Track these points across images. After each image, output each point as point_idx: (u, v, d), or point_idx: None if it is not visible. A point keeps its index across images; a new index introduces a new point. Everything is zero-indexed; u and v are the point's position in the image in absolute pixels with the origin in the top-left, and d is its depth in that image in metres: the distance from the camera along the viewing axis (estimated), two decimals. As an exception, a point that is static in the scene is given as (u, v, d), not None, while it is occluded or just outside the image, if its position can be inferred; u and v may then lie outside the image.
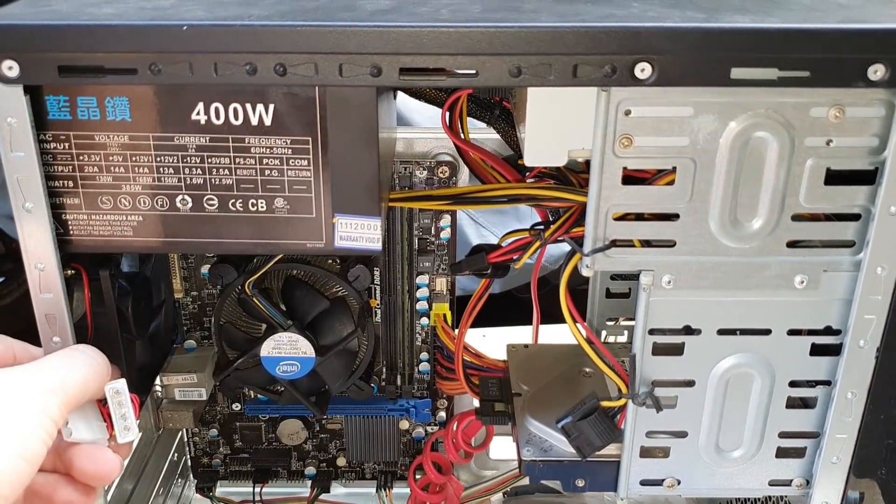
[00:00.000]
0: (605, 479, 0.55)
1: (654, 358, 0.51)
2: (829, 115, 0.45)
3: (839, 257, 0.48)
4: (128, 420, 0.48)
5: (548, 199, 0.51)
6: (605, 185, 0.46)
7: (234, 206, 0.47)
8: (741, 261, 0.48)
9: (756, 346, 0.51)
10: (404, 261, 0.68)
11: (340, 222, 0.47)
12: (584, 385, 0.62)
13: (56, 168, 0.46)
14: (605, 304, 0.66)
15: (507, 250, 0.54)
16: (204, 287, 0.69)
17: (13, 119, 0.44)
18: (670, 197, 0.47)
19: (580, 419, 0.53)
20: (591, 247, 0.47)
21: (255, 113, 0.45)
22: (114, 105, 0.45)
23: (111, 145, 0.46)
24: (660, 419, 0.52)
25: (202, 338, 0.71)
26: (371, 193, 0.47)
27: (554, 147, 0.46)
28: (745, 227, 0.47)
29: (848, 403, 0.51)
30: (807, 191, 0.47)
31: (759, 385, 0.52)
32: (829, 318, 0.50)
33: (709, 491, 0.55)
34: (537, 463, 0.55)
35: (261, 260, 0.62)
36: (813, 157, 0.46)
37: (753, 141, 0.45)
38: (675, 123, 0.45)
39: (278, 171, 0.46)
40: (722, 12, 0.44)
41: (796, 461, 0.54)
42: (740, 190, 0.47)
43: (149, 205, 0.47)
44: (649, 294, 0.49)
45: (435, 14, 0.44)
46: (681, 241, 0.48)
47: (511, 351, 0.66)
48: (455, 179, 0.64)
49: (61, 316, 0.48)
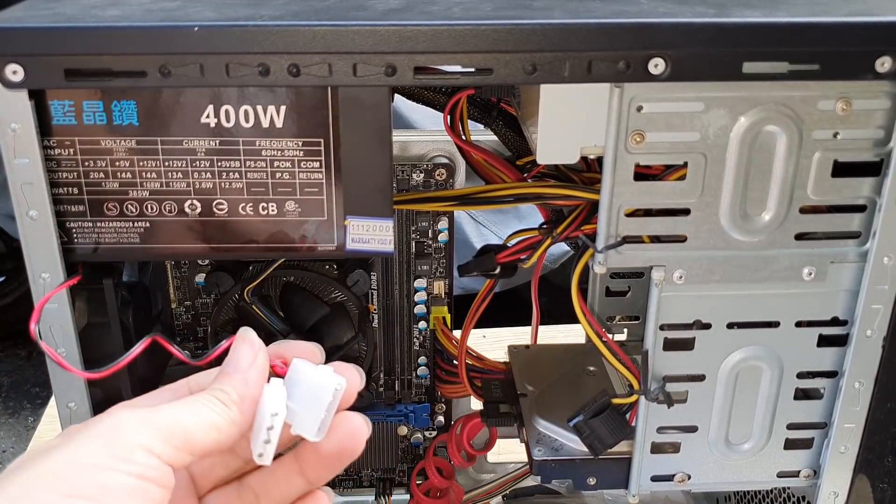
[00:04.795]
0: (617, 476, 0.55)
1: (666, 353, 0.51)
2: (837, 107, 0.45)
3: (846, 248, 0.49)
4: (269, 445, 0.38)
5: (556, 197, 0.51)
6: (618, 181, 0.46)
7: (245, 210, 0.46)
8: (751, 254, 0.49)
9: (765, 339, 0.51)
10: (402, 265, 0.68)
11: (353, 224, 0.47)
12: (588, 384, 0.62)
13: (60, 174, 0.45)
14: (605, 303, 0.66)
15: (515, 250, 0.54)
16: (197, 296, 0.68)
17: (17, 125, 0.43)
18: (682, 192, 0.47)
19: (592, 417, 0.53)
20: (603, 243, 0.48)
21: (266, 115, 0.44)
22: (121, 109, 0.44)
23: (118, 150, 0.45)
24: (670, 414, 0.53)
25: (196, 348, 0.70)
26: (384, 194, 0.47)
27: (566, 144, 0.46)
28: (755, 220, 0.48)
29: (855, 393, 0.52)
30: (814, 183, 0.47)
31: (767, 377, 0.52)
32: (836, 308, 0.50)
33: (719, 485, 0.56)
34: (549, 462, 0.55)
35: (257, 267, 0.62)
36: (820, 150, 0.46)
37: (763, 135, 0.46)
38: (686, 119, 0.45)
39: (289, 174, 0.46)
40: (730, 7, 0.45)
41: (804, 452, 0.55)
42: (750, 184, 0.47)
43: (156, 211, 0.46)
44: (661, 289, 0.49)
45: (447, 12, 0.44)
46: (692, 235, 0.48)
47: (513, 352, 0.66)
48: (452, 181, 0.64)
49: (66, 327, 0.47)
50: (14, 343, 1.63)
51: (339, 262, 0.64)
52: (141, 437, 0.34)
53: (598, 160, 0.54)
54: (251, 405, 0.38)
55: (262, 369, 0.39)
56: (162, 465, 0.34)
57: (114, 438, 0.34)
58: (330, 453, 0.39)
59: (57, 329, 0.47)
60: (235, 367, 0.39)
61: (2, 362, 1.61)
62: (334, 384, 0.39)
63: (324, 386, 0.38)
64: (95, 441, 0.34)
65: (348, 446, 0.39)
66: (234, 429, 0.37)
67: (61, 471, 0.33)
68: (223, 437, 0.37)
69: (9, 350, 1.62)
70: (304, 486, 0.40)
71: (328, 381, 0.39)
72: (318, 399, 0.38)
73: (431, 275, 0.68)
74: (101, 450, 0.34)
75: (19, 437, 1.43)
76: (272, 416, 0.38)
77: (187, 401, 0.37)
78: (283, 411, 0.38)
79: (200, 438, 0.36)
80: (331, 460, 0.39)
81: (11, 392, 1.54)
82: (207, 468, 0.41)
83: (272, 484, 0.40)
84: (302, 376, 0.39)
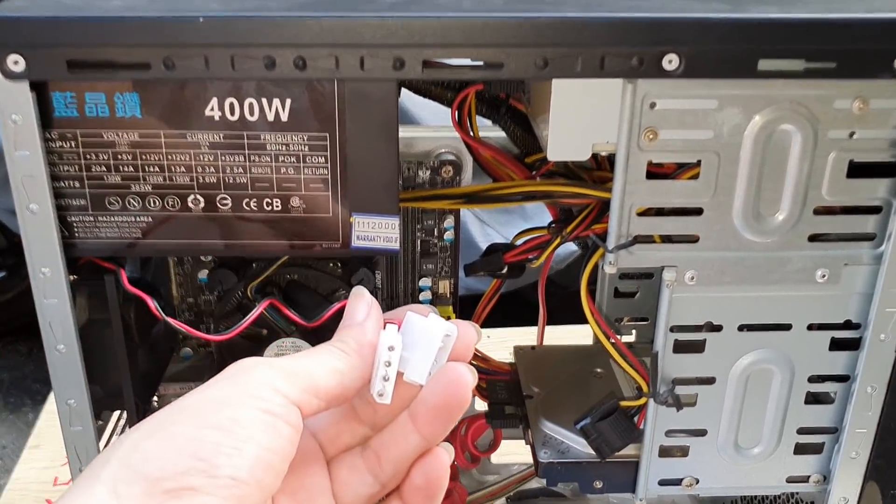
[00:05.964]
0: (624, 479, 0.54)
1: (675, 356, 0.50)
2: (853, 106, 0.44)
3: (859, 251, 0.48)
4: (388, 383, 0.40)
5: (566, 195, 0.50)
6: (630, 179, 0.45)
7: (249, 205, 0.46)
8: (763, 255, 0.48)
9: (776, 342, 0.50)
10: (407, 263, 0.67)
11: (358, 222, 0.46)
12: (595, 386, 0.61)
13: (62, 168, 0.44)
14: (613, 304, 0.65)
15: (523, 249, 0.53)
16: (200, 293, 0.67)
17: (18, 116, 0.42)
18: (694, 191, 0.46)
19: (599, 420, 0.52)
20: (614, 243, 0.47)
21: (271, 108, 0.44)
22: (124, 101, 0.43)
23: (120, 143, 0.44)
24: (679, 418, 0.52)
25: (198, 346, 0.69)
26: (390, 191, 0.46)
27: (578, 141, 0.45)
28: (768, 221, 0.47)
29: (868, 398, 0.51)
30: (829, 184, 0.46)
31: (778, 381, 0.51)
32: (849, 311, 0.50)
33: (727, 489, 0.55)
34: (555, 465, 0.54)
35: (261, 265, 0.61)
36: (836, 150, 0.46)
37: (777, 134, 0.45)
38: (699, 116, 0.44)
39: (294, 169, 0.45)
40: (746, 3, 0.44)
41: (814, 457, 0.54)
42: (763, 183, 0.46)
43: (159, 205, 0.45)
44: (672, 290, 0.48)
45: (457, 5, 0.43)
46: (704, 236, 0.47)
47: (518, 353, 0.65)
48: (459, 179, 0.63)
49: (66, 323, 0.46)
50: (15, 339, 1.62)
51: (344, 260, 0.63)
52: (267, 376, 0.36)
53: (608, 158, 0.53)
54: (370, 351, 0.40)
55: (377, 319, 0.41)
56: (289, 404, 0.36)
57: (242, 378, 0.36)
58: (437, 403, 0.40)
59: (57, 325, 0.46)
60: (352, 319, 0.41)
61: (2, 358, 1.60)
62: (444, 330, 0.40)
63: (434, 332, 0.40)
64: (225, 382, 0.36)
65: (454, 394, 0.39)
66: (356, 373, 0.39)
67: (193, 407, 0.35)
68: (346, 381, 0.39)
69: (9, 346, 1.62)
70: (422, 444, 0.41)
71: (439, 327, 0.40)
72: (428, 345, 0.40)
73: (437, 274, 0.67)
74: (231, 388, 0.36)
75: (20, 432, 1.42)
76: (389, 352, 0.40)
77: (309, 351, 0.39)
78: (399, 346, 0.40)
79: (324, 382, 0.38)
80: (440, 412, 0.40)
81: (12, 388, 1.53)
82: (334, 435, 0.42)
83: (391, 444, 0.41)
84: (414, 326, 0.40)
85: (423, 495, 0.41)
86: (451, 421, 0.40)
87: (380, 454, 0.41)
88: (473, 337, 0.41)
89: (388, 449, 0.41)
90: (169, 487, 0.33)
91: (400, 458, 0.41)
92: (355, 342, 0.40)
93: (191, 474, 0.33)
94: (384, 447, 0.41)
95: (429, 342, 0.40)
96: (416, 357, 0.40)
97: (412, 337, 0.40)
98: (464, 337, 0.41)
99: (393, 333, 0.40)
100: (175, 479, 0.33)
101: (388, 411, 0.41)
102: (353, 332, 0.40)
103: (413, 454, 0.41)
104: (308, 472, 0.40)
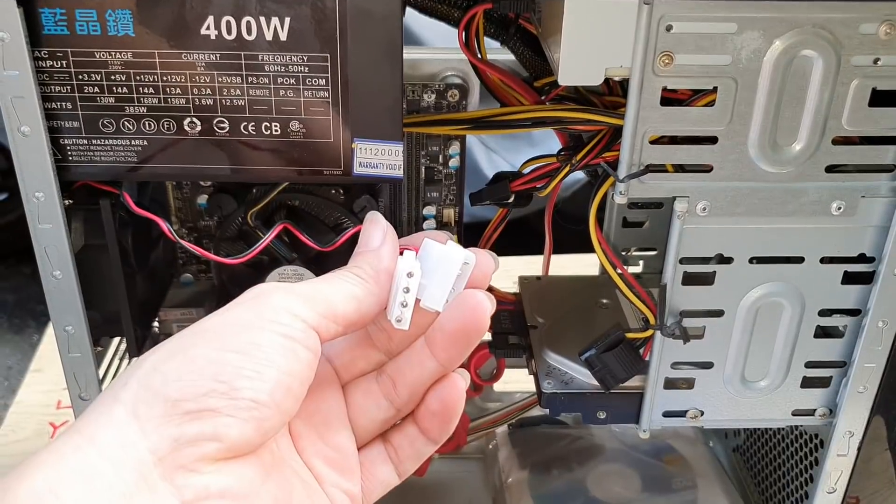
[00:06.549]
0: (627, 410, 0.54)
1: (684, 287, 0.49)
2: (880, 31, 0.42)
3: (878, 182, 0.47)
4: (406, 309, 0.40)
5: (577, 121, 0.48)
6: (644, 105, 0.43)
7: (247, 129, 0.44)
8: (778, 186, 0.46)
9: (788, 275, 0.49)
10: (411, 191, 0.65)
11: (360, 148, 0.45)
12: (601, 317, 0.60)
13: (53, 88, 0.43)
14: (621, 234, 0.64)
15: (531, 178, 0.52)
16: (200, 219, 0.66)
17: (5, 34, 0.40)
18: (710, 119, 0.44)
19: (604, 351, 0.51)
20: (626, 172, 0.45)
21: (269, 27, 0.42)
22: (115, 19, 0.41)
23: (113, 63, 0.42)
24: (686, 350, 0.51)
25: (199, 272, 0.68)
26: (393, 116, 0.44)
27: (591, 65, 0.43)
28: (785, 151, 0.45)
29: (878, 332, 0.50)
30: (850, 112, 0.45)
31: (788, 314, 0.50)
32: (863, 245, 0.48)
33: (732, 422, 0.54)
34: (558, 395, 0.54)
35: (261, 190, 0.59)
36: (859, 77, 0.44)
37: (798, 60, 0.43)
38: (717, 40, 0.42)
39: (294, 92, 0.43)
40: (771, -81, 0.41)
41: (821, 391, 0.53)
42: (782, 112, 0.44)
43: (154, 128, 0.44)
44: (683, 221, 0.47)
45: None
46: (718, 165, 0.46)
47: (523, 283, 0.64)
48: (465, 103, 0.61)
49: (61, 248, 0.45)
50: (18, 260, 1.62)
51: (346, 186, 0.61)
52: (286, 301, 0.36)
53: (620, 83, 0.51)
54: (386, 277, 0.40)
55: (393, 244, 0.40)
56: (307, 329, 0.36)
57: (261, 303, 0.36)
58: (455, 329, 0.40)
59: (53, 251, 0.45)
60: (367, 245, 0.40)
61: (6, 280, 1.60)
62: (462, 257, 0.40)
63: (452, 259, 0.40)
64: (244, 306, 0.37)
65: (471, 321, 0.39)
66: (373, 299, 0.39)
67: (213, 330, 0.36)
68: (363, 306, 0.39)
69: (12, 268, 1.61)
70: (438, 370, 0.41)
71: (457, 254, 0.40)
72: (446, 272, 0.39)
73: (441, 202, 0.66)
74: (249, 312, 0.36)
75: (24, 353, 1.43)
76: (407, 277, 0.39)
77: (326, 277, 0.39)
78: (417, 272, 0.39)
79: (341, 307, 0.38)
80: (457, 337, 0.40)
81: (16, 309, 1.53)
82: (349, 361, 0.42)
83: (407, 369, 0.41)
84: (432, 252, 0.40)
85: (438, 420, 0.41)
86: (469, 347, 0.40)
87: (395, 379, 0.41)
88: (491, 265, 0.41)
89: (403, 374, 0.41)
90: (189, 409, 0.33)
91: (415, 384, 0.41)
92: (371, 268, 0.39)
93: (211, 396, 0.33)
94: (400, 372, 0.41)
95: (447, 269, 0.39)
96: (433, 284, 0.40)
97: (430, 264, 0.40)
98: (482, 265, 0.40)
99: (411, 260, 0.40)
100: (196, 400, 0.33)
101: (404, 337, 0.41)
102: (368, 257, 0.40)
103: (429, 380, 0.41)
104: (324, 397, 0.41)
